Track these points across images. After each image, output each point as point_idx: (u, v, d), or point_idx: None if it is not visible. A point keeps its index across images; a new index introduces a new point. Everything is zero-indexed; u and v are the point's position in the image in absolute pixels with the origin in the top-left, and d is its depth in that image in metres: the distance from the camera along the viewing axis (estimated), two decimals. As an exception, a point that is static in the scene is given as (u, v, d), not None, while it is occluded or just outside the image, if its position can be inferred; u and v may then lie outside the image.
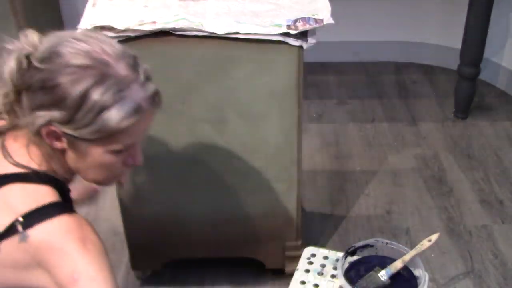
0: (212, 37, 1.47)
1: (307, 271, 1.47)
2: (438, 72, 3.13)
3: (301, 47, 1.48)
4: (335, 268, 1.46)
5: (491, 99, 2.91)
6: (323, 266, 1.48)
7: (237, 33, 1.47)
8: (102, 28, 1.46)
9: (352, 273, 1.39)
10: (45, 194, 1.05)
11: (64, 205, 1.06)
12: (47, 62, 1.01)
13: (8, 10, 2.24)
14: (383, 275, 1.36)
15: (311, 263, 1.49)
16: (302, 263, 1.49)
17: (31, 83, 1.02)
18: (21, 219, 1.00)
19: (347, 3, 2.90)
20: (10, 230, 1.00)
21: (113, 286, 1.02)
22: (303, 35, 1.48)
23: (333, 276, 1.44)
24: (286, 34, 1.47)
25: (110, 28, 1.46)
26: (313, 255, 1.51)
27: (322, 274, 1.46)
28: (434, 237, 1.40)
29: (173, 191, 1.75)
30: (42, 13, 2.53)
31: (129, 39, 1.47)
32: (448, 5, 3.00)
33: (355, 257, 1.43)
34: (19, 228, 0.99)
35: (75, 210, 1.09)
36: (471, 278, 1.97)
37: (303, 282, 1.43)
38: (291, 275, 1.47)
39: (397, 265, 1.37)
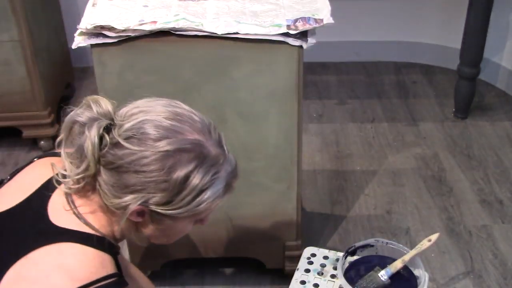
0: (212, 37, 1.47)
1: (307, 271, 1.47)
2: (438, 72, 3.13)
3: (301, 47, 1.48)
4: (335, 268, 1.46)
5: (491, 99, 2.91)
6: (323, 266, 1.48)
7: (237, 33, 1.46)
8: (102, 28, 1.46)
9: (352, 273, 1.39)
10: (104, 264, 1.00)
11: (120, 279, 1.01)
12: (137, 144, 0.97)
13: (8, 10, 2.24)
14: (383, 275, 1.36)
15: (311, 263, 1.49)
16: (302, 263, 1.49)
17: (120, 164, 0.98)
18: None
19: (347, 3, 2.90)
20: None
21: None
22: (303, 35, 1.48)
23: (333, 276, 1.44)
24: (286, 34, 1.47)
25: (110, 28, 1.46)
26: (313, 255, 1.51)
27: (322, 274, 1.46)
28: (434, 237, 1.40)
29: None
30: (42, 13, 2.53)
31: (129, 39, 1.47)
32: (448, 5, 3.00)
33: (355, 257, 1.43)
34: None
35: (124, 277, 1.05)
36: (471, 278, 1.97)
37: (303, 282, 1.43)
38: (291, 275, 1.48)
39: (397, 265, 1.37)
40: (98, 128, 0.98)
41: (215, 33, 1.46)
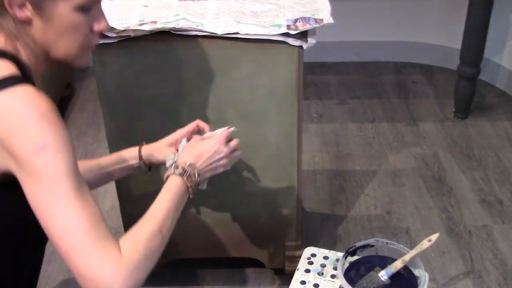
0: (212, 37, 1.47)
1: (307, 271, 1.47)
2: (438, 72, 3.13)
3: (301, 47, 1.48)
4: (335, 268, 1.46)
5: (491, 99, 2.91)
6: (323, 266, 1.48)
7: (237, 33, 1.46)
8: (102, 28, 1.46)
9: (352, 273, 1.39)
10: (1, 68, 0.98)
11: (24, 78, 0.98)
12: None
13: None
14: (383, 275, 1.36)
15: (311, 263, 1.49)
16: (302, 263, 1.49)
17: None
18: None
19: (347, 3, 2.90)
20: None
21: (74, 161, 0.96)
22: (303, 35, 1.48)
23: (333, 276, 1.44)
24: (286, 34, 1.47)
25: (110, 28, 1.46)
26: (313, 255, 1.51)
27: (322, 274, 1.46)
28: (434, 237, 1.40)
29: (173, 191, 1.75)
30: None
31: (129, 39, 1.47)
32: (448, 5, 3.00)
33: (355, 257, 1.43)
34: None
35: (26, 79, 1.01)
36: (471, 278, 1.97)
37: (303, 282, 1.43)
38: (291, 275, 1.48)
39: (397, 265, 1.37)
40: None
41: (215, 33, 1.46)
